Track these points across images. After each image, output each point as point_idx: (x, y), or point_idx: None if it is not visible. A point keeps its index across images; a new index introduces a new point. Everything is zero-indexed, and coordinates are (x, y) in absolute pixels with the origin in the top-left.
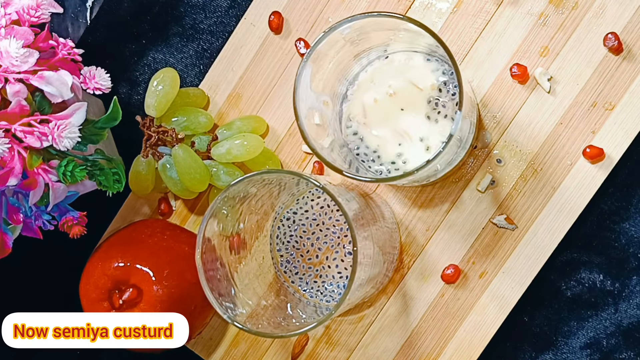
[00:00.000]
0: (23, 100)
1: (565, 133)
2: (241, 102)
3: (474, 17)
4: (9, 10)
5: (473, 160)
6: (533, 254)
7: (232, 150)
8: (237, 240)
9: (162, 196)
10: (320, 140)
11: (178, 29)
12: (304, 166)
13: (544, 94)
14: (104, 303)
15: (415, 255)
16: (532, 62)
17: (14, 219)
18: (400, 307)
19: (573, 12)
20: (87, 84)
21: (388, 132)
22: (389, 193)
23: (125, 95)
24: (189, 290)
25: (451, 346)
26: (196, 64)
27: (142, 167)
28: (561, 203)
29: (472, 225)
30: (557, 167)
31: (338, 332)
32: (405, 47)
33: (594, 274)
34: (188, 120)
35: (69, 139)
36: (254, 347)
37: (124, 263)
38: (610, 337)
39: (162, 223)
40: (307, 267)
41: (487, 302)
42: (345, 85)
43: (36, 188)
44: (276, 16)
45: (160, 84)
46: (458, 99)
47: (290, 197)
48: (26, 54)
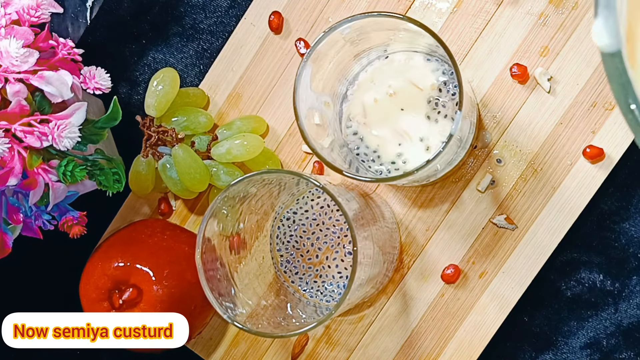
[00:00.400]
0: (23, 100)
1: (565, 133)
2: (241, 102)
3: (474, 17)
4: (9, 10)
5: (473, 160)
6: (533, 254)
7: (232, 150)
8: (237, 240)
9: (162, 196)
10: (320, 140)
11: (178, 29)
12: (304, 166)
13: (544, 94)
14: (104, 303)
15: (415, 255)
16: (532, 62)
17: (14, 219)
18: (400, 307)
19: (573, 12)
20: (87, 84)
21: (388, 132)
22: (389, 193)
23: (125, 95)
24: (189, 290)
25: (451, 346)
26: (196, 64)
27: (142, 167)
28: (561, 203)
29: (472, 225)
30: (557, 167)
31: (338, 332)
32: (405, 47)
33: (594, 274)
34: (188, 120)
35: (69, 139)
36: (254, 347)
37: (124, 263)
38: (610, 337)
39: (162, 223)
40: (307, 267)
41: (487, 302)
42: (345, 85)
43: (36, 188)
44: (276, 16)
45: (160, 84)
46: (458, 99)
47: (290, 197)
48: (26, 54)
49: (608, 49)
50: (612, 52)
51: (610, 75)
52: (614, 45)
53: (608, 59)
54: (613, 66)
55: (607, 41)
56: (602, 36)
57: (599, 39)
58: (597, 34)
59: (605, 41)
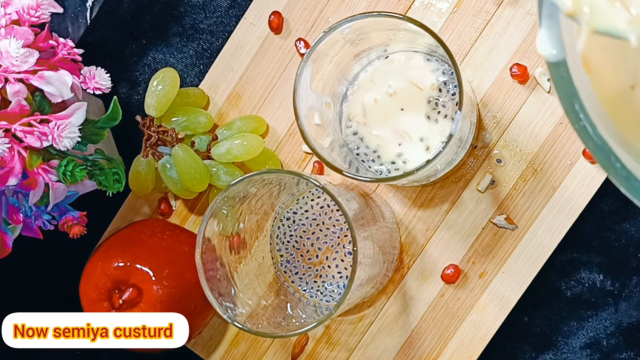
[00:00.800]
0: (23, 100)
1: (565, 133)
2: (241, 102)
3: (474, 17)
4: (9, 10)
5: (473, 160)
6: (533, 254)
7: (232, 150)
8: (237, 240)
9: (162, 196)
10: (320, 140)
11: (178, 29)
12: (304, 166)
13: (544, 94)
14: (104, 303)
15: (415, 255)
16: (532, 62)
17: (14, 219)
18: (400, 307)
19: None
20: (87, 84)
21: (388, 132)
22: (389, 193)
23: (125, 95)
24: (189, 290)
25: (451, 346)
26: (196, 64)
27: (142, 167)
28: (561, 203)
29: (472, 225)
30: (557, 167)
31: (338, 332)
32: (405, 47)
33: (594, 274)
34: (188, 120)
35: (69, 139)
36: (254, 347)
37: (124, 263)
38: (610, 337)
39: (162, 223)
40: (307, 267)
41: (487, 302)
42: (345, 85)
43: (36, 188)
44: (276, 16)
45: (160, 84)
46: (458, 99)
47: (290, 197)
48: (26, 54)
49: (553, 59)
50: (557, 62)
51: (557, 85)
52: (558, 54)
53: (553, 68)
54: (558, 75)
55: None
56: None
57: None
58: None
59: (549, 51)
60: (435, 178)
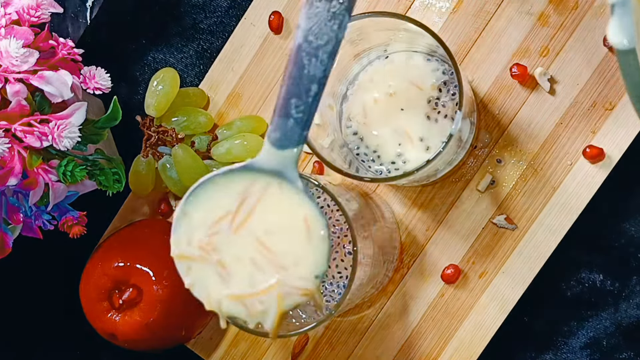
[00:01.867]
0: (23, 100)
1: (565, 133)
2: (241, 102)
3: (474, 17)
4: (9, 10)
5: (473, 160)
6: (533, 254)
7: (232, 150)
8: None
9: (162, 196)
10: (320, 140)
11: (178, 28)
12: (304, 166)
13: (544, 94)
14: (104, 303)
15: (415, 255)
16: (532, 62)
17: (14, 219)
18: (400, 307)
19: (573, 12)
20: (87, 84)
21: (388, 132)
22: (389, 193)
23: (125, 95)
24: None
25: (451, 346)
26: (196, 64)
27: (142, 167)
28: (561, 203)
29: (472, 225)
30: (557, 167)
31: (338, 332)
32: (405, 47)
33: (594, 274)
34: (188, 120)
35: (69, 139)
36: (254, 347)
37: (124, 263)
38: (610, 337)
39: (162, 223)
40: None
41: (487, 302)
42: (345, 85)
43: (36, 188)
44: (276, 16)
45: (160, 84)
46: (458, 99)
47: None
48: (26, 54)
49: (623, 47)
50: (627, 50)
51: (625, 73)
52: (629, 44)
53: (622, 57)
54: (627, 63)
55: (622, 39)
56: (618, 34)
57: (614, 37)
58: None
59: (620, 39)
60: (435, 178)
